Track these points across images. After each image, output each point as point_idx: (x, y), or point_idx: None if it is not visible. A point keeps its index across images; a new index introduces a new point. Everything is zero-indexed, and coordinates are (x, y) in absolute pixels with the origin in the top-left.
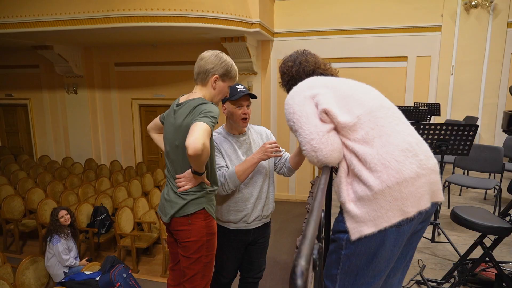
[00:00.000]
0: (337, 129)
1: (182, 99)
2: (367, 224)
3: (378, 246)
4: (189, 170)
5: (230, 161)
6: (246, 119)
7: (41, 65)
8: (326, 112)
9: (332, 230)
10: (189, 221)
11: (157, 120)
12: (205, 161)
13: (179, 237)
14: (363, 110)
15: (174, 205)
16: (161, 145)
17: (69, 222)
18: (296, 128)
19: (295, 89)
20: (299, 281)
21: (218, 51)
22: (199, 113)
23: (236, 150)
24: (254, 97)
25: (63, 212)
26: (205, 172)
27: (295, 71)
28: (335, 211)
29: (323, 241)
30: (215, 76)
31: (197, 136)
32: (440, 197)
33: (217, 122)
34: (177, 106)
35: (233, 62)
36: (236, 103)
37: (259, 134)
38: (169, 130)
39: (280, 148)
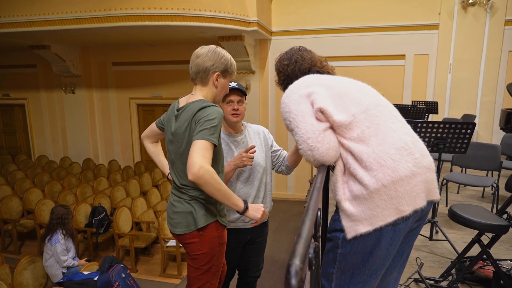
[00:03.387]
0: (333, 127)
1: (182, 102)
2: (363, 223)
3: (374, 245)
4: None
5: (225, 162)
6: (236, 115)
7: (38, 64)
8: (321, 111)
9: (329, 229)
10: (199, 232)
11: (153, 126)
12: (217, 185)
13: (190, 250)
14: (359, 108)
15: (183, 217)
16: (155, 157)
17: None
18: (293, 127)
19: (291, 87)
20: (293, 281)
21: (214, 46)
22: (197, 124)
23: (233, 151)
24: (244, 92)
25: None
26: (246, 205)
27: (291, 69)
28: (332, 210)
29: (319, 240)
30: (216, 73)
31: (194, 160)
32: (436, 195)
33: (220, 124)
34: (177, 110)
35: (230, 56)
36: (225, 99)
37: (257, 133)
38: (171, 138)
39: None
